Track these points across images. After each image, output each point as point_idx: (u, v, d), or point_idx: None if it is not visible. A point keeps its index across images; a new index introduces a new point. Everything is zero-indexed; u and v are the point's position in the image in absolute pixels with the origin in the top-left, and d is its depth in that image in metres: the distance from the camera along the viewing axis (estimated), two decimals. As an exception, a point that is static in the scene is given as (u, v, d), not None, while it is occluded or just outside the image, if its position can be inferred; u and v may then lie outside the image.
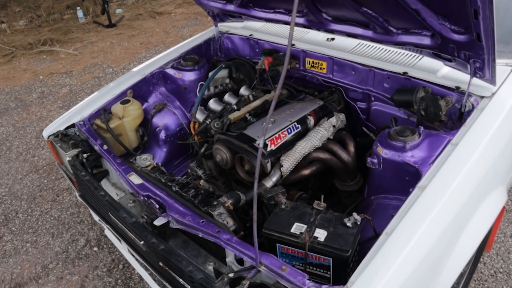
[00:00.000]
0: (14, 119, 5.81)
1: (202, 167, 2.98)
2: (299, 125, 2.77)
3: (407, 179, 2.13)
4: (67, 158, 2.83)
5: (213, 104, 3.14)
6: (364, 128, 2.93)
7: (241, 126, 2.72)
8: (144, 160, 2.54)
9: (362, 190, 2.78)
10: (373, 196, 2.33)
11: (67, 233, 3.82)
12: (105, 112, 3.16)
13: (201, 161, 2.94)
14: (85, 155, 2.81)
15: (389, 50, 2.78)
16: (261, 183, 2.44)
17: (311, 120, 2.84)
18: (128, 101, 3.21)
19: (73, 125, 3.10)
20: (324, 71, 3.01)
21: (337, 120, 2.77)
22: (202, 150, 2.83)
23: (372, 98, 2.84)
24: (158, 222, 2.18)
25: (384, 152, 2.17)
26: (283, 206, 2.09)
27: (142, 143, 3.36)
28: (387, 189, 2.26)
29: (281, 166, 2.51)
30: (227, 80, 3.44)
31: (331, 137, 2.74)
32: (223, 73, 3.39)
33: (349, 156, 2.69)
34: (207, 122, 2.83)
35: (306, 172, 2.67)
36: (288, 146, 2.69)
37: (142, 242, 2.18)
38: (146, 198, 2.36)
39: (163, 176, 2.44)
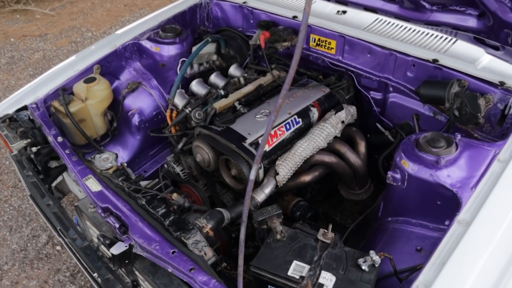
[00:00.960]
0: (-21, 87, 5.20)
1: (180, 163, 2.47)
2: (300, 119, 2.26)
3: (438, 203, 1.65)
4: (13, 152, 2.30)
5: (196, 86, 2.59)
6: (378, 125, 2.42)
7: (229, 119, 2.19)
8: (105, 160, 2.02)
9: (372, 199, 2.31)
10: (391, 218, 1.86)
11: (28, 227, 3.33)
12: (64, 92, 2.60)
13: (179, 157, 2.42)
14: (34, 149, 2.28)
15: (416, 31, 2.23)
16: (252, 197, 1.94)
17: (314, 113, 2.32)
18: (93, 79, 2.65)
19: (25, 107, 2.55)
20: (332, 51, 2.46)
21: (346, 114, 2.26)
22: (180, 145, 2.31)
23: (390, 88, 2.32)
24: (116, 249, 1.70)
25: (411, 167, 1.67)
26: (278, 236, 1.60)
27: (111, 130, 2.83)
28: (410, 212, 1.78)
29: (277, 173, 2.00)
30: (214, 57, 2.87)
31: (339, 135, 2.23)
32: (210, 47, 2.82)
33: (359, 160, 2.19)
34: (187, 111, 2.29)
35: (306, 178, 2.17)
36: (285, 145, 2.18)
37: (95, 274, 1.70)
38: (103, 213, 1.86)
39: (127, 183, 1.93)
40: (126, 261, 1.91)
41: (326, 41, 2.46)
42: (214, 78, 2.67)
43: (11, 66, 5.63)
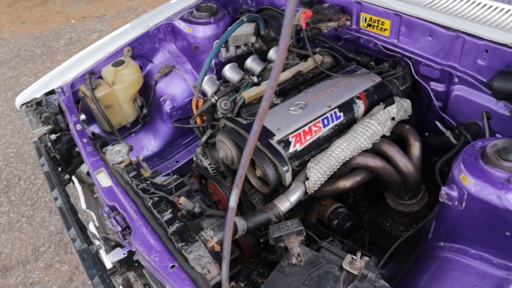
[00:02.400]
0: (38, 68, 5.34)
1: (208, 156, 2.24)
2: (341, 114, 1.92)
3: (507, 234, 1.27)
4: (34, 139, 2.20)
5: (229, 72, 2.33)
6: (437, 123, 2.01)
7: (257, 111, 1.90)
8: (116, 153, 1.83)
9: (428, 209, 1.93)
10: (442, 243, 1.49)
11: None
12: (92, 76, 2.46)
13: (205, 150, 2.19)
14: (53, 136, 2.16)
15: (492, 7, 1.78)
16: (272, 205, 1.66)
17: (360, 106, 1.96)
18: (121, 63, 2.49)
19: (53, 92, 2.45)
20: (386, 33, 2.07)
21: (398, 109, 1.88)
22: (204, 138, 2.07)
23: (455, 79, 1.90)
24: (113, 257, 1.51)
25: (473, 185, 1.29)
26: (294, 260, 1.31)
27: (141, 117, 2.66)
28: (468, 239, 1.40)
29: (307, 178, 1.70)
30: (253, 39, 2.58)
31: (388, 134, 1.86)
32: (248, 28, 2.53)
33: (410, 165, 1.82)
34: (213, 100, 2.04)
35: (345, 184, 1.85)
36: (322, 144, 1.87)
37: (89, 282, 1.53)
38: (109, 212, 1.68)
39: (137, 180, 1.73)
40: (136, 264, 1.73)
41: (378, 20, 2.07)
42: (250, 62, 2.39)
43: (69, 47, 5.74)
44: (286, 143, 1.78)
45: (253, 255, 1.98)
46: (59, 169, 2.24)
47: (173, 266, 1.41)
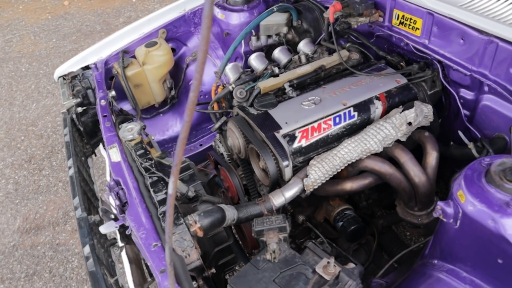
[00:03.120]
0: (95, 43, 5.62)
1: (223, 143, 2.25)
2: (355, 113, 1.84)
3: (500, 262, 1.16)
4: (62, 110, 2.32)
5: (254, 61, 2.30)
6: (460, 133, 1.88)
7: (270, 102, 1.88)
8: (129, 131, 1.88)
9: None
10: (436, 261, 1.39)
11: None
12: (125, 55, 2.55)
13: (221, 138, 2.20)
14: (80, 109, 2.27)
15: (534, 10, 1.61)
16: (266, 198, 1.64)
17: (377, 107, 1.87)
18: (154, 44, 2.55)
19: (88, 67, 2.57)
20: (418, 32, 1.94)
21: (417, 114, 1.77)
22: (217, 124, 2.08)
23: (485, 88, 1.75)
24: (104, 228, 1.57)
25: (469, 203, 1.20)
26: (268, 256, 1.29)
27: (169, 98, 2.72)
28: (460, 260, 1.30)
29: (307, 175, 1.66)
30: (285, 29, 2.53)
31: (403, 139, 1.76)
32: (279, 18, 2.49)
33: (423, 175, 1.71)
34: (230, 87, 2.04)
35: (350, 186, 1.78)
36: (330, 143, 1.81)
37: (84, 249, 1.60)
38: (113, 186, 1.75)
39: (142, 158, 1.78)
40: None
41: (411, 19, 1.95)
42: (278, 53, 2.35)
43: (126, 25, 5.97)
44: (291, 137, 1.74)
45: (255, 245, 1.97)
46: (85, 140, 2.36)
47: (155, 245, 1.44)
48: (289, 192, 1.64)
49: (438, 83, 1.98)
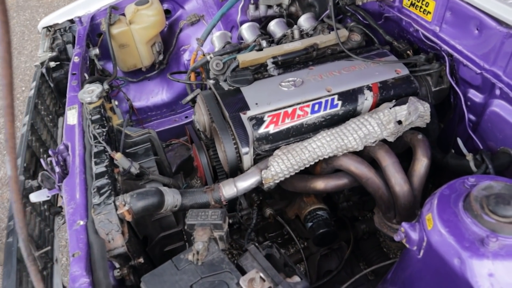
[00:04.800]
0: None
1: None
2: (339, 102, 1.59)
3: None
4: (35, 62, 2.16)
5: (246, 31, 2.08)
6: (459, 140, 1.60)
7: (245, 78, 1.65)
8: (89, 93, 1.70)
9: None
10: (395, 290, 1.16)
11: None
12: (114, 11, 2.35)
13: (196, 112, 1.99)
14: (53, 63, 2.10)
15: None
16: (216, 187, 1.43)
17: (367, 98, 1.62)
18: (145, 2, 2.34)
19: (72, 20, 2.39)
20: (429, 17, 1.65)
21: (410, 111, 1.50)
22: (189, 97, 1.87)
23: (497, 91, 1.46)
24: (35, 197, 1.41)
25: (437, 230, 0.96)
26: (190, 257, 1.10)
27: (157, 62, 2.52)
28: (420, 295, 1.07)
29: (267, 167, 1.43)
30: (287, 0, 2.26)
31: (390, 140, 1.51)
32: (282, -13, 2.22)
33: (405, 184, 1.46)
34: (208, 57, 1.81)
35: (324, 185, 1.55)
36: (304, 133, 1.58)
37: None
38: (62, 150, 1.58)
39: (96, 124, 1.59)
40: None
41: (423, 0, 1.66)
42: (273, 25, 2.11)
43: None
44: (258, 121, 1.51)
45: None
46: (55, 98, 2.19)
47: (79, 224, 1.27)
48: (243, 183, 1.43)
49: (446, 79, 1.70)
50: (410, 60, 1.75)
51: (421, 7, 1.68)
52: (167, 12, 2.53)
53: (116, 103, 1.82)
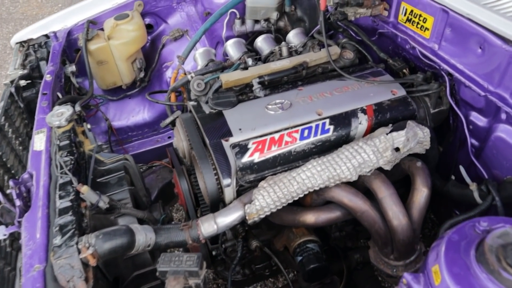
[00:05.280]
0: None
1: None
2: (331, 127, 1.46)
3: None
4: (4, 81, 2.00)
5: (231, 47, 1.95)
6: (462, 169, 1.47)
7: (228, 100, 1.51)
8: (58, 116, 1.55)
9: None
10: None
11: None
12: (92, 26, 2.21)
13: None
14: (23, 82, 1.95)
15: None
16: (194, 224, 1.28)
17: (361, 123, 1.49)
18: (125, 17, 2.21)
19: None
20: (427, 34, 1.53)
21: (408, 138, 1.37)
22: (168, 120, 1.72)
23: (502, 116, 1.34)
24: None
25: (446, 287, 0.81)
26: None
27: (138, 79, 2.38)
28: None
29: (251, 201, 1.29)
30: (275, 15, 2.15)
31: (387, 168, 1.37)
32: (269, 1, 2.10)
33: (404, 217, 1.33)
34: (189, 76, 1.67)
35: (313, 219, 1.41)
36: (293, 161, 1.44)
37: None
38: (27, 179, 1.43)
39: (63, 151, 1.44)
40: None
41: (420, 16, 1.54)
42: (260, 41, 1.98)
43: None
44: (242, 149, 1.37)
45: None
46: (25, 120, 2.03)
47: (36, 269, 1.11)
48: (225, 220, 1.28)
49: (445, 100, 1.58)
50: (407, 80, 1.62)
51: (418, 23, 1.56)
52: (149, 27, 2.40)
53: (89, 126, 1.67)
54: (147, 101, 2.45)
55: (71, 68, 2.17)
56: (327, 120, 1.46)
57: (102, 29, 2.27)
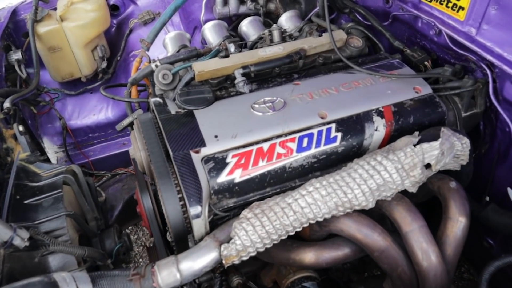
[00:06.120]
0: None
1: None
2: (338, 134, 1.09)
3: None
4: None
5: (210, 31, 1.58)
6: (509, 190, 1.13)
7: (202, 97, 1.14)
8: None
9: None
10: None
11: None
12: (42, 4, 1.82)
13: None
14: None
15: None
16: (147, 272, 0.91)
17: (377, 128, 1.13)
18: (83, -7, 1.81)
19: (-11, 13, 1.84)
20: (461, 15, 1.19)
21: (443, 151, 1.02)
22: (126, 121, 1.34)
23: None
24: None
25: None
26: None
27: (100, 70, 1.99)
28: None
29: (230, 238, 0.92)
30: (264, -6, 1.78)
31: (412, 190, 1.02)
32: (258, -23, 1.73)
33: (437, 259, 0.98)
34: (153, 65, 1.29)
35: (314, 259, 1.05)
36: (286, 180, 1.07)
37: None
38: None
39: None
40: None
41: (453, -10, 1.19)
42: (246, 25, 1.62)
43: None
44: (218, 164, 1.00)
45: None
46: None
47: None
48: (192, 266, 0.91)
49: (480, 100, 1.23)
50: (432, 74, 1.28)
51: (449, 0, 1.21)
52: (114, 8, 2.01)
53: (21, 128, 1.27)
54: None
55: (16, 55, 1.78)
56: (333, 125, 1.10)
57: (55, 9, 1.87)
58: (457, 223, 1.04)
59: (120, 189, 1.99)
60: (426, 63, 1.36)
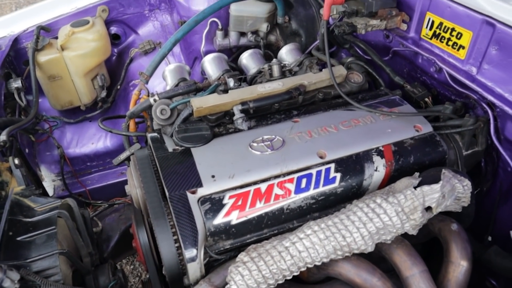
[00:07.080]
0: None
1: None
2: (338, 175, 1.08)
3: None
4: None
5: (210, 64, 1.58)
6: (515, 236, 1.11)
7: (200, 134, 1.13)
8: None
9: None
10: None
11: None
12: (44, 33, 1.83)
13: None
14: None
15: None
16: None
17: (377, 168, 1.11)
18: (84, 23, 1.83)
19: (-9, 43, 1.85)
20: (461, 53, 1.18)
21: (444, 193, 1.00)
22: (123, 155, 1.33)
23: None
24: None
25: None
26: None
27: (100, 99, 1.99)
28: None
29: (225, 283, 0.90)
30: (264, 26, 1.79)
31: (412, 233, 0.99)
32: (258, 9, 1.75)
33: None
34: (151, 99, 1.29)
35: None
36: (284, 222, 1.05)
37: None
38: None
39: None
40: None
41: (453, 30, 1.19)
42: (246, 58, 1.62)
43: None
44: (215, 205, 0.98)
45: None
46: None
47: None
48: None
49: (481, 139, 1.22)
50: (432, 112, 1.27)
51: (449, 39, 1.21)
52: (115, 38, 2.03)
53: (16, 161, 1.26)
54: (110, 126, 2.05)
55: (16, 83, 1.78)
56: (332, 165, 1.08)
57: (56, 38, 1.88)
58: (458, 267, 1.01)
59: (117, 219, 1.96)
60: (426, 99, 1.35)
